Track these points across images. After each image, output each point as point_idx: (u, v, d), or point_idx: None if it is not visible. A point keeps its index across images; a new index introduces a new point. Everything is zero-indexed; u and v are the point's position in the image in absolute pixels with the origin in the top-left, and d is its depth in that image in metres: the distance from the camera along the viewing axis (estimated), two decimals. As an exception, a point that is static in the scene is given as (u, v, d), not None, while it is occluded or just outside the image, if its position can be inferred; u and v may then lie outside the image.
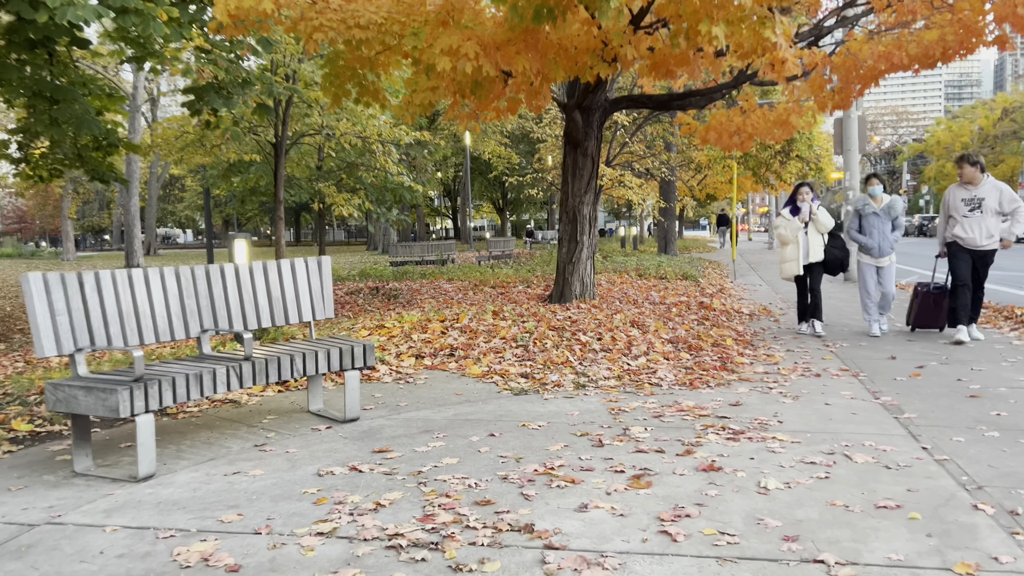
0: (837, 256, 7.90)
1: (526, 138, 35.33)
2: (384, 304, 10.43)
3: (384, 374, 5.86)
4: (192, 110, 8.42)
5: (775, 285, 14.27)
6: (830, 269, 7.92)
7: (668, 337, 7.11)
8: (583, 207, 9.18)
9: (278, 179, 11.62)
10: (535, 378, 5.68)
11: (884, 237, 7.73)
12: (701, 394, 5.23)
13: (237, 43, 8.40)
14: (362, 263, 24.88)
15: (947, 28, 8.29)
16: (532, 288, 11.24)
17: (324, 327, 7.95)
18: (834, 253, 7.88)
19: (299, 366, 4.35)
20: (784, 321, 9.07)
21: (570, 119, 8.80)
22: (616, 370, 5.90)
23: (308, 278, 4.89)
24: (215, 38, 8.35)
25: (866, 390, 5.32)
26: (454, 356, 6.34)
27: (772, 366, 6.24)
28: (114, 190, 53.32)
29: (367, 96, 7.77)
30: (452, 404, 5.05)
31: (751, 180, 24.09)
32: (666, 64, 7.12)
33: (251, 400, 5.27)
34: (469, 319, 7.24)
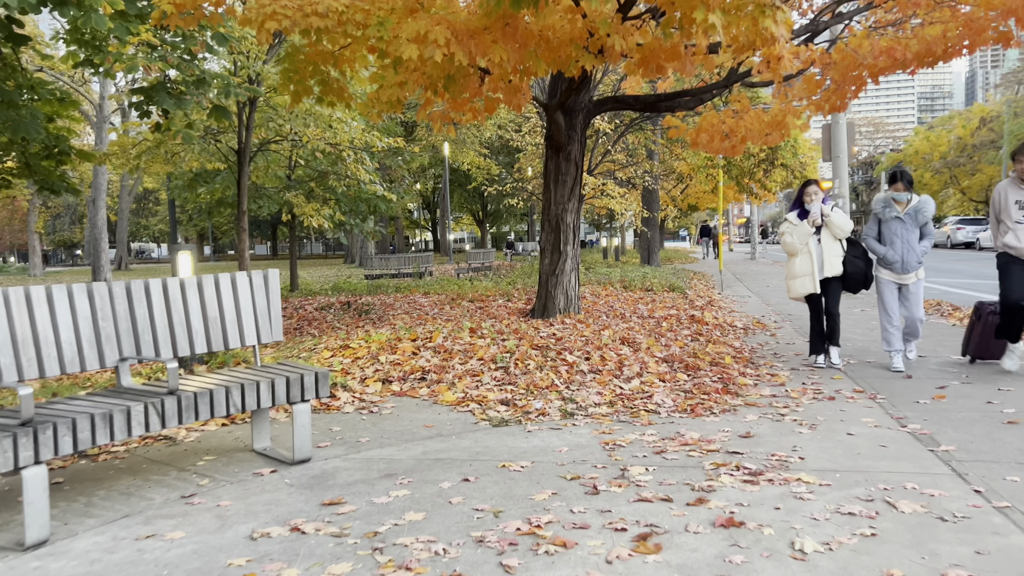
0: (859, 268, 6.34)
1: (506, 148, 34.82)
2: (355, 320, 9.74)
3: (345, 402, 5.18)
4: (140, 111, 7.71)
5: (764, 296, 13.74)
6: (850, 285, 6.41)
7: (662, 355, 6.49)
8: (567, 215, 8.57)
9: (241, 188, 10.90)
10: (517, 405, 5.02)
11: (909, 248, 6.21)
12: (705, 423, 4.60)
13: (189, 38, 7.72)
14: (337, 276, 24.11)
15: (950, 24, 7.82)
16: (513, 302, 10.60)
17: (285, 347, 7.24)
18: (855, 264, 6.35)
19: (236, 401, 3.66)
20: (781, 336, 8.49)
21: (552, 121, 8.20)
22: (608, 394, 5.26)
23: (252, 295, 4.21)
24: (164, 34, 7.67)
25: (889, 416, 4.72)
26: (426, 380, 5.67)
27: (778, 387, 5.63)
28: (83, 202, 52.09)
29: (331, 95, 7.11)
30: (421, 439, 4.38)
31: (734, 189, 23.68)
32: (656, 58, 6.52)
33: (189, 436, 4.56)
34: (444, 337, 6.58)
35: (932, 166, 44.80)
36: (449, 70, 5.68)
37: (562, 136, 8.38)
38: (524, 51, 5.71)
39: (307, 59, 6.73)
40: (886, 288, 6.34)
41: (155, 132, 7.87)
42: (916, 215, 6.22)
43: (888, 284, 6.33)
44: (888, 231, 6.28)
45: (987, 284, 15.00)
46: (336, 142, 11.88)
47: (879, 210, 6.38)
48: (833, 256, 6.34)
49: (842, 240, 6.40)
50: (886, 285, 6.34)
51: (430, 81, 5.89)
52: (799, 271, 6.41)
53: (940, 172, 45.23)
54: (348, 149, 12.58)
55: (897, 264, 6.24)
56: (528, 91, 6.94)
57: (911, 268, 6.23)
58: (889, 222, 6.28)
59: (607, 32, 5.59)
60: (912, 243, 6.22)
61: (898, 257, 6.22)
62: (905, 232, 6.22)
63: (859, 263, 6.35)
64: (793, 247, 6.45)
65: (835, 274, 6.34)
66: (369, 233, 15.86)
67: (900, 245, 6.23)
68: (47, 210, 61.99)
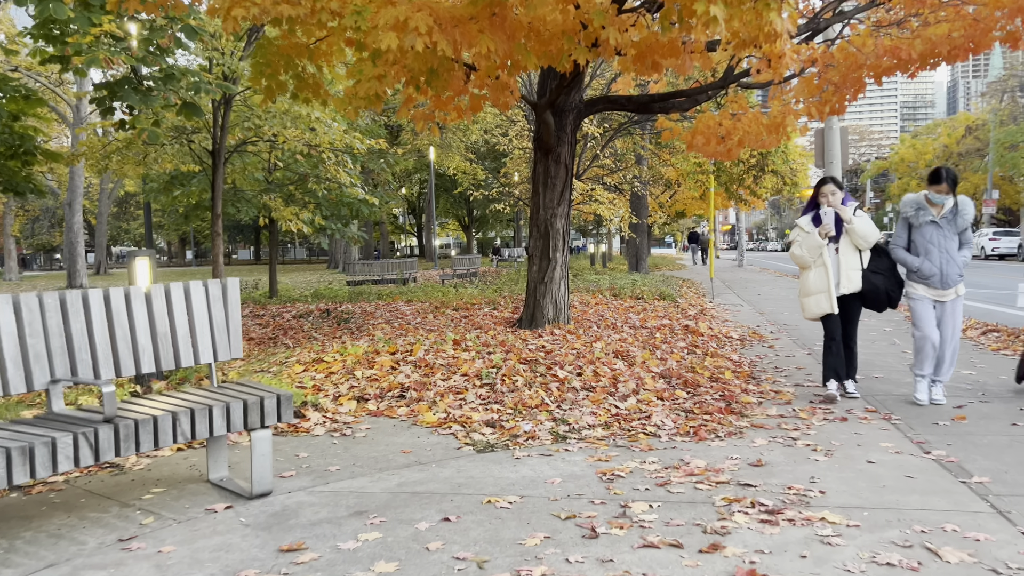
0: (881, 283, 5.31)
1: (492, 153, 34.44)
2: (333, 330, 9.28)
3: (316, 424, 4.73)
4: (103, 108, 7.24)
5: (756, 305, 13.40)
6: (872, 302, 5.37)
7: (658, 370, 6.09)
8: (556, 220, 8.16)
9: (216, 191, 10.42)
10: (504, 427, 4.59)
11: (948, 258, 5.16)
12: (711, 448, 4.19)
13: (157, 31, 7.25)
14: (319, 282, 23.59)
15: (956, 23, 7.49)
16: (499, 310, 10.18)
17: (256, 360, 6.77)
18: (877, 280, 5.31)
19: (185, 428, 3.21)
20: (779, 348, 8.11)
21: (541, 121, 7.80)
22: (603, 415, 4.85)
23: (209, 307, 3.76)
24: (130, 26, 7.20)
25: (908, 440, 4.34)
26: (405, 398, 5.23)
27: (785, 406, 5.24)
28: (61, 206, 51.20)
29: (306, 91, 6.67)
30: (397, 467, 3.94)
31: (722, 196, 23.40)
32: (652, 54, 6.14)
33: (139, 463, 4.10)
34: (425, 350, 6.14)
35: (918, 173, 44.84)
36: (432, 63, 5.27)
37: (551, 137, 7.98)
38: (513, 43, 5.30)
39: (280, 52, 6.30)
40: (921, 307, 5.24)
41: (119, 130, 7.40)
42: (955, 219, 5.19)
43: (922, 302, 5.25)
44: (921, 239, 5.25)
45: (982, 293, 14.74)
46: (316, 143, 11.41)
47: (910, 213, 5.30)
48: (851, 269, 5.30)
49: (864, 251, 5.38)
50: (920, 304, 5.24)
51: (411, 75, 5.46)
52: (813, 287, 5.37)
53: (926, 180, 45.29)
54: (328, 151, 12.11)
55: (935, 278, 5.18)
56: (516, 89, 6.54)
57: (951, 282, 5.18)
58: (922, 228, 5.23)
59: (602, 24, 5.20)
60: (951, 252, 5.18)
61: (936, 269, 5.17)
62: (942, 239, 5.18)
63: (878, 279, 5.32)
64: (803, 260, 5.43)
65: (853, 290, 5.31)
66: (351, 238, 15.38)
67: (937, 255, 5.19)
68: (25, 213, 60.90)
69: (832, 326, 5.41)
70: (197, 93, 7.61)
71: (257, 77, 6.29)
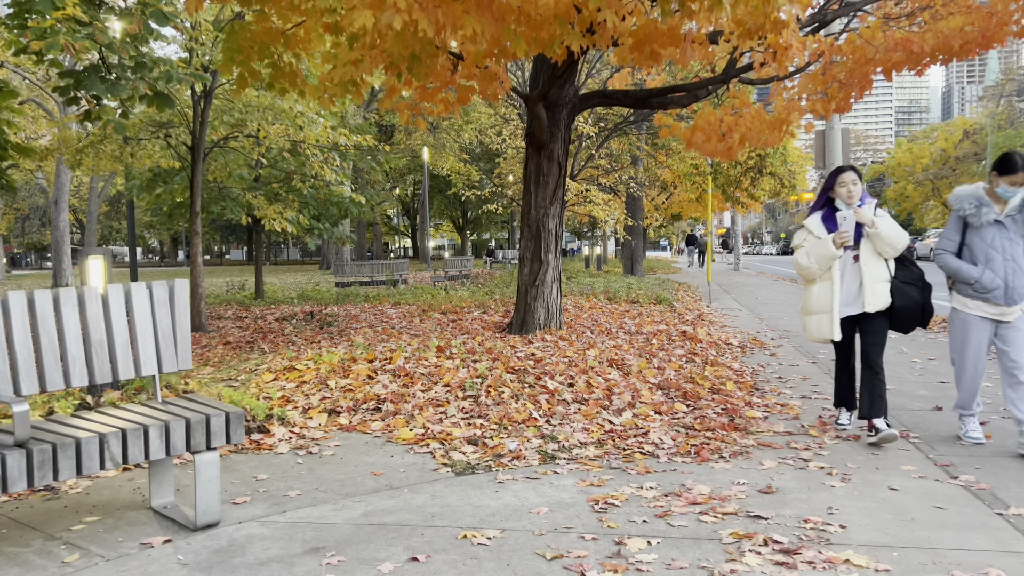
0: (913, 299, 4.28)
1: (487, 154, 34.04)
2: (315, 333, 8.85)
3: (280, 440, 4.30)
4: (66, 97, 6.80)
5: (754, 309, 13.02)
6: (900, 322, 4.34)
7: (656, 381, 5.68)
8: (548, 220, 7.76)
9: (194, 188, 9.97)
10: (487, 445, 4.18)
11: (1016, 268, 4.14)
12: (714, 471, 3.79)
13: (124, 15, 6.82)
14: (309, 283, 23.14)
15: (974, 15, 7.12)
16: (489, 314, 9.76)
17: (224, 367, 6.35)
18: (911, 293, 4.29)
19: (115, 452, 2.80)
20: (782, 356, 7.71)
21: (533, 115, 7.39)
22: (595, 431, 4.44)
23: (152, 312, 3.34)
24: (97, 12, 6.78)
25: (931, 462, 3.94)
26: (380, 411, 4.81)
27: (792, 421, 4.84)
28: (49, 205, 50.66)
29: (282, 80, 6.25)
30: (365, 493, 3.52)
31: (719, 198, 23.05)
32: (651, 43, 5.74)
33: (77, 486, 3.67)
34: (405, 358, 5.72)
35: (915, 178, 44.61)
36: (413, 47, 4.85)
37: (544, 133, 7.58)
38: (501, 26, 4.89)
39: (254, 38, 5.88)
40: (974, 328, 4.24)
41: (83, 122, 6.97)
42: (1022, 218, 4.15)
43: (978, 323, 4.23)
44: (980, 243, 4.20)
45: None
46: (300, 139, 10.98)
47: (969, 211, 4.21)
48: (876, 281, 4.26)
49: (890, 259, 4.35)
50: (973, 324, 4.24)
51: (391, 61, 5.05)
52: (816, 305, 4.39)
53: (922, 184, 45.07)
54: (313, 148, 11.68)
55: (998, 292, 4.14)
56: (507, 78, 6.14)
57: (1018, 297, 4.14)
58: (982, 229, 4.20)
59: (597, 6, 4.79)
60: (1018, 259, 4.14)
61: (1000, 281, 4.14)
62: (1008, 244, 4.15)
63: (912, 291, 4.29)
64: (810, 272, 4.36)
65: (881, 307, 4.26)
66: (339, 238, 14.95)
67: (1001, 263, 4.14)
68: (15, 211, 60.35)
69: (844, 351, 4.51)
70: (169, 83, 7.18)
71: (228, 64, 5.87)
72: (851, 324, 4.45)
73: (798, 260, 4.43)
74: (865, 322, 4.35)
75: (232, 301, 14.45)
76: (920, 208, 46.59)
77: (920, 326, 4.39)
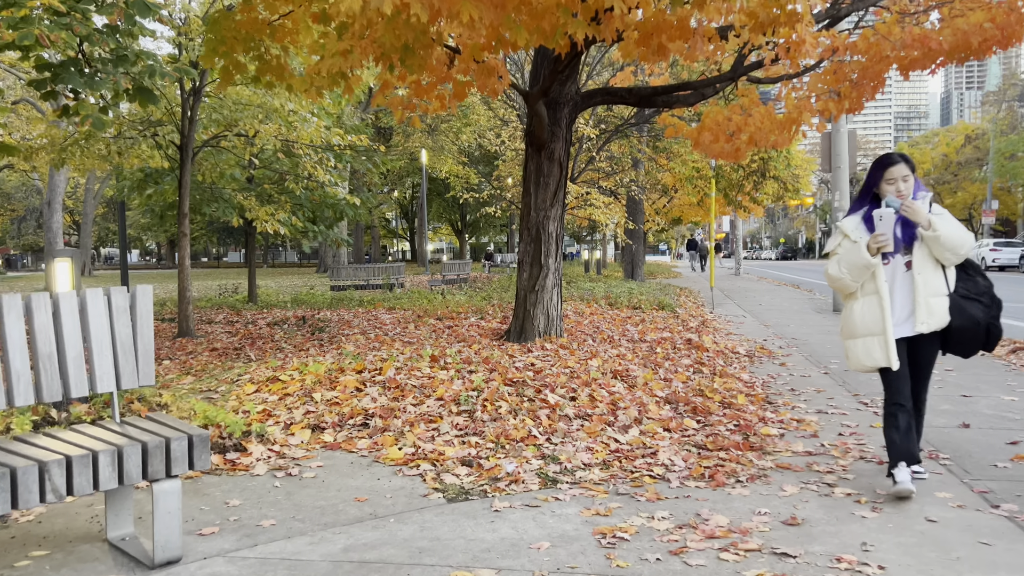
0: (977, 318, 3.44)
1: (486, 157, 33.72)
2: (305, 339, 8.51)
3: (258, 459, 3.96)
4: (42, 92, 6.47)
5: (759, 316, 12.69)
6: (963, 343, 3.50)
7: (663, 394, 5.34)
8: (548, 223, 7.42)
9: (183, 188, 9.64)
10: (482, 467, 3.84)
11: None
12: (732, 498, 3.45)
13: (104, 6, 6.49)
14: (304, 286, 22.79)
15: (994, 11, 6.81)
16: (487, 320, 9.43)
17: (205, 377, 6.01)
18: (975, 311, 3.45)
19: (58, 483, 2.46)
20: (792, 365, 7.38)
21: (533, 113, 7.07)
22: (600, 450, 4.10)
23: (111, 322, 3.00)
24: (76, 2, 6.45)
25: (967, 488, 3.60)
26: (368, 427, 4.47)
27: (811, 440, 4.50)
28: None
29: (269, 73, 5.92)
30: (347, 523, 3.18)
31: (721, 202, 22.73)
32: (659, 35, 5.41)
33: (29, 513, 3.33)
34: (397, 368, 5.38)
35: (916, 183, 44.32)
36: (406, 36, 4.53)
37: (544, 132, 7.25)
38: (502, 14, 4.56)
39: (238, 28, 5.55)
40: None
41: (61, 117, 6.64)
42: None
43: None
44: None
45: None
46: (293, 139, 10.64)
47: None
48: (933, 295, 3.45)
49: (947, 268, 3.51)
50: None
51: (382, 51, 4.72)
52: (861, 325, 3.52)
53: (924, 189, 44.77)
54: (306, 148, 11.34)
55: None
56: (506, 73, 5.81)
57: None
58: None
59: (604, -8, 4.47)
60: None
61: None
62: None
63: (976, 309, 3.44)
64: (844, 284, 3.55)
65: (937, 327, 3.45)
66: (334, 241, 14.62)
67: None
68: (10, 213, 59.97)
69: (898, 383, 3.50)
70: (152, 77, 6.85)
71: (210, 56, 5.55)
72: (901, 348, 3.53)
73: (828, 270, 3.61)
74: (915, 346, 3.55)
75: (224, 305, 14.11)
76: (921, 213, 46.19)
77: (984, 350, 3.54)
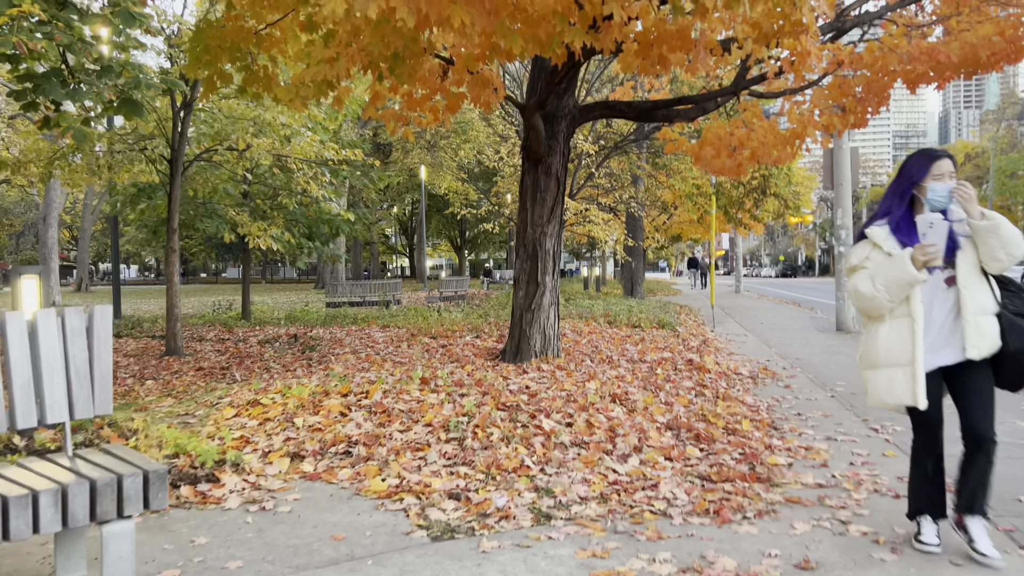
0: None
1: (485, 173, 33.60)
2: (294, 359, 8.26)
3: (231, 491, 3.70)
4: (23, 103, 6.26)
5: (761, 335, 12.44)
6: (1014, 374, 2.97)
7: (664, 419, 5.09)
8: (545, 239, 7.20)
9: (172, 203, 9.42)
10: (471, 500, 3.58)
11: None
12: (739, 536, 3.19)
13: (87, 15, 6.31)
14: (301, 303, 22.54)
15: (1003, 24, 6.63)
16: (482, 339, 9.18)
17: (185, 400, 5.75)
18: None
19: (-9, 527, 2.21)
20: (797, 388, 7.12)
21: (530, 126, 6.86)
22: (598, 482, 3.84)
23: (64, 346, 2.76)
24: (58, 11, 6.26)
25: (991, 527, 3.34)
26: (351, 455, 4.21)
27: (821, 470, 4.25)
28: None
29: (255, 84, 5.71)
30: (322, 564, 2.92)
31: (721, 220, 22.56)
32: (659, 46, 5.22)
33: (-23, 552, 3.07)
34: (384, 391, 5.13)
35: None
36: (395, 44, 4.32)
37: (541, 146, 7.04)
38: (495, 21, 4.36)
39: (224, 36, 5.35)
40: None
41: (42, 129, 6.44)
42: None
43: None
44: None
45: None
46: (286, 154, 10.45)
47: None
48: (981, 314, 2.93)
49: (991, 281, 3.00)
50: None
51: (371, 60, 4.52)
52: (885, 354, 2.98)
53: (924, 207, 44.68)
54: (299, 162, 11.14)
55: None
56: (501, 85, 5.61)
57: None
58: None
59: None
60: None
61: None
62: None
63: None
64: (876, 305, 2.96)
65: (988, 352, 2.93)
66: (329, 257, 14.40)
67: None
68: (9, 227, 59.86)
69: (931, 425, 3.03)
70: (137, 89, 6.65)
71: (194, 65, 5.34)
72: (938, 380, 3.00)
73: (858, 288, 2.99)
74: (963, 375, 2.96)
75: (217, 322, 13.87)
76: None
77: None
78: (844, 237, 13.24)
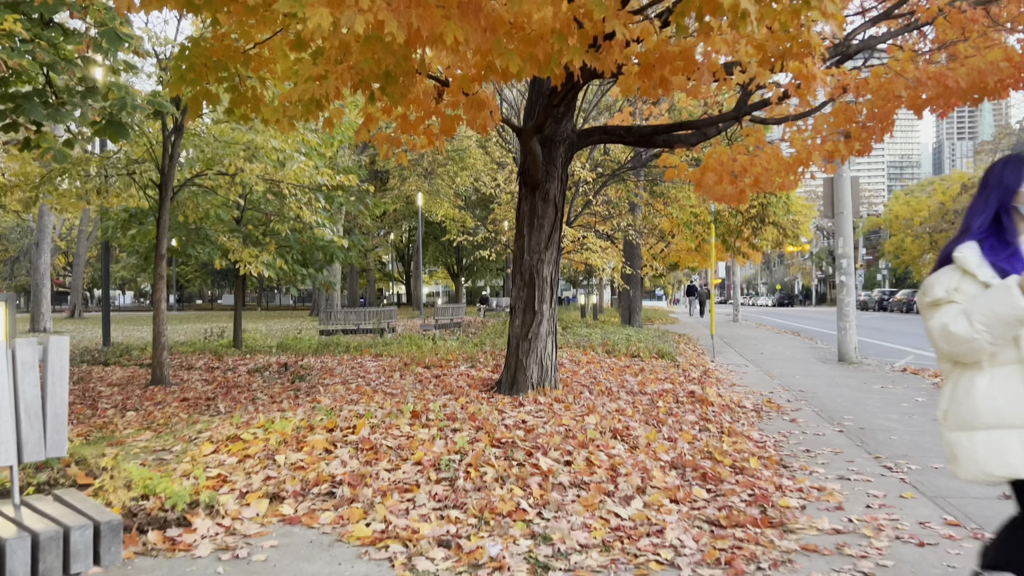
0: None
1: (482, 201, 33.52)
2: (283, 389, 7.98)
3: (203, 537, 3.42)
4: (2, 123, 6.06)
5: (762, 366, 12.18)
6: None
7: (668, 458, 4.82)
8: (543, 267, 6.98)
9: (161, 228, 9.20)
10: (462, 548, 3.30)
11: None
12: (754, 592, 2.92)
13: (72, 34, 6.14)
14: (294, 330, 22.23)
15: (1011, 50, 6.50)
16: (477, 369, 8.91)
17: (164, 433, 5.47)
18: None
19: (-88, 590, 1.94)
20: (803, 422, 6.86)
21: (527, 151, 6.68)
22: (599, 528, 3.57)
23: (14, 381, 2.51)
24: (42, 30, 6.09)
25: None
26: (334, 497, 3.93)
27: (836, 513, 3.98)
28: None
29: (244, 105, 5.52)
30: (295, 624, 2.64)
31: (719, 248, 22.40)
32: (661, 67, 5.03)
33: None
34: (372, 426, 4.86)
35: (913, 231, 44.26)
36: (386, 62, 4.12)
37: (539, 171, 6.85)
38: (491, 39, 4.17)
39: (210, 55, 5.16)
40: None
41: (22, 151, 6.23)
42: None
43: None
44: None
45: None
46: (279, 179, 10.26)
47: None
48: None
49: None
50: None
51: (360, 78, 4.32)
52: (990, 413, 2.30)
53: (920, 237, 44.72)
54: (292, 188, 10.95)
55: None
56: (496, 107, 5.41)
57: None
58: None
59: (603, 16, 4.08)
60: None
61: None
62: None
63: None
64: (974, 347, 2.28)
65: None
66: (323, 284, 14.17)
67: None
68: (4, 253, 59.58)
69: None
70: (122, 110, 6.46)
71: (178, 84, 5.14)
72: None
73: (948, 327, 2.31)
74: None
75: (207, 350, 13.57)
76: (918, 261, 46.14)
77: None
78: (845, 266, 13.06)
